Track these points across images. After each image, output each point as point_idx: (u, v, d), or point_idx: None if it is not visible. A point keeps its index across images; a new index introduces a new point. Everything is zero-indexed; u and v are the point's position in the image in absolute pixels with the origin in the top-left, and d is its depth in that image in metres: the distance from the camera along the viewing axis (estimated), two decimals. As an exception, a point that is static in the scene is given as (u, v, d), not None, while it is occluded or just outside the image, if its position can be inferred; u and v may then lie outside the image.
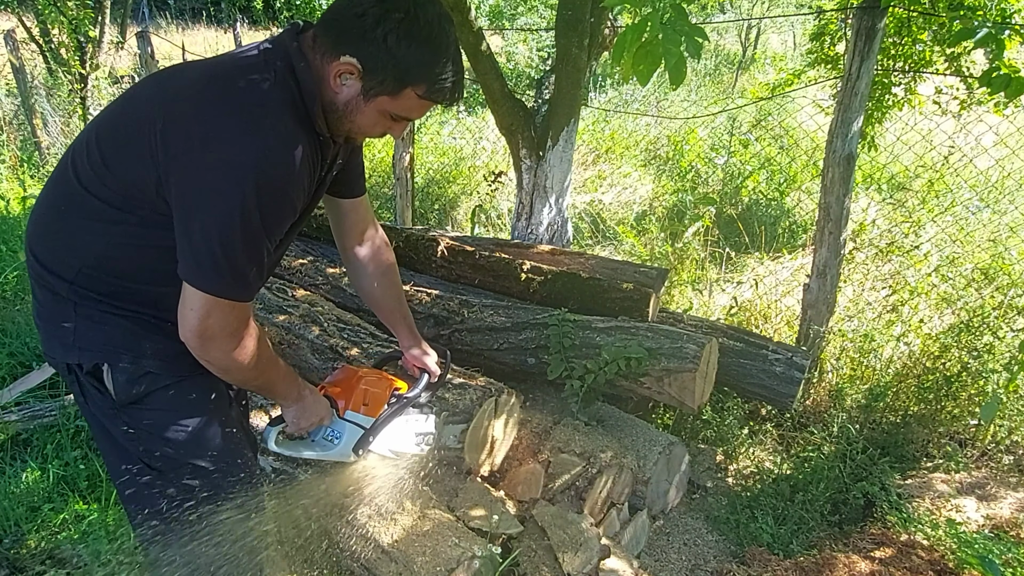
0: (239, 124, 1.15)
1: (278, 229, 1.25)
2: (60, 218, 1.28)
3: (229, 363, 1.26)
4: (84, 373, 1.30)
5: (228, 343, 1.23)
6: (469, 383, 2.21)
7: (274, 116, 1.17)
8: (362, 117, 1.27)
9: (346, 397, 1.56)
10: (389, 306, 1.74)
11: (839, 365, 3.14)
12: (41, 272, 1.30)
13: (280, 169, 1.17)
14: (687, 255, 4.28)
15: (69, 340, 1.29)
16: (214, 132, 1.14)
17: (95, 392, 1.31)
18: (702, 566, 2.33)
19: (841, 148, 2.81)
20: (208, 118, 1.15)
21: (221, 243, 1.15)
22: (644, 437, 2.45)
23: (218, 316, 1.20)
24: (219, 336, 1.22)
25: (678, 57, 1.50)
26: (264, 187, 1.15)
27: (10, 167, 6.17)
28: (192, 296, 1.18)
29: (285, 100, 1.20)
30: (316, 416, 1.49)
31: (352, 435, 1.55)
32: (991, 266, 3.77)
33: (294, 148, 1.18)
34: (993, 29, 2.14)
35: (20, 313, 3.51)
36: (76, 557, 2.04)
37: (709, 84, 9.90)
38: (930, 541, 2.18)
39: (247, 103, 1.17)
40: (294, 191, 1.22)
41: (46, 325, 1.33)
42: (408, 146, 4.47)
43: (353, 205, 1.62)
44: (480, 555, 1.78)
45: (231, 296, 1.20)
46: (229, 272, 1.18)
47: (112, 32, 7.67)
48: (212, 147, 1.14)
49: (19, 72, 6.25)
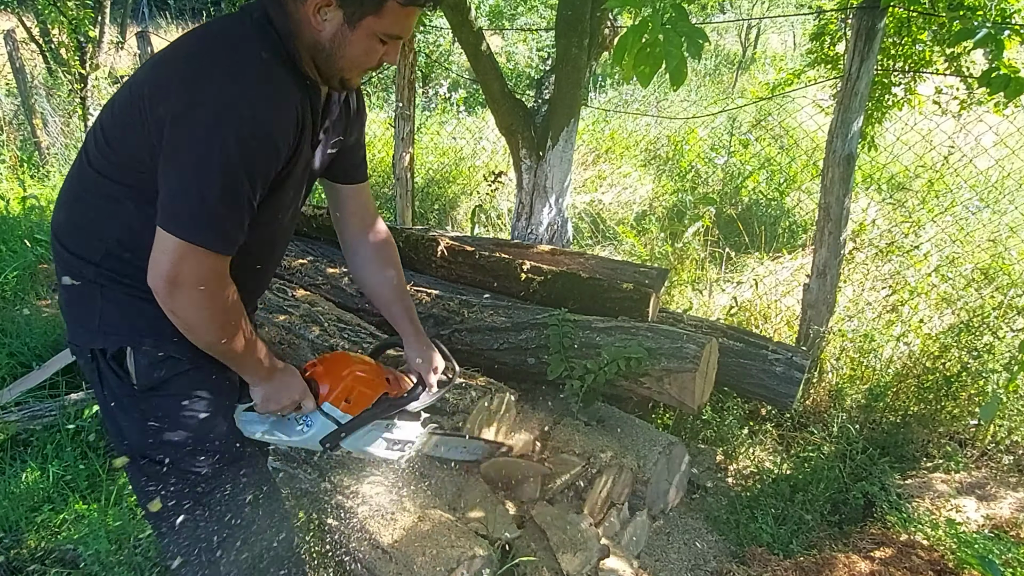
0: (217, 72, 1.14)
1: (261, 176, 1.21)
2: (80, 203, 1.30)
3: (195, 318, 1.21)
4: (107, 358, 1.31)
5: (196, 295, 1.18)
6: (469, 383, 2.21)
7: (252, 61, 1.16)
8: (351, 48, 1.24)
9: (330, 386, 1.46)
10: (390, 299, 1.66)
11: (839, 365, 3.14)
12: (68, 259, 1.31)
13: (260, 111, 1.15)
14: (687, 255, 4.28)
15: (95, 324, 1.30)
16: (194, 82, 1.14)
17: (114, 378, 1.32)
18: (702, 566, 2.33)
19: (841, 148, 2.81)
20: (188, 70, 1.16)
21: (199, 187, 1.13)
22: (644, 437, 2.45)
23: (191, 264, 1.16)
24: (188, 285, 1.17)
25: (679, 58, 1.50)
26: (244, 130, 1.13)
27: (10, 167, 6.17)
28: (165, 240, 1.15)
29: (263, 45, 1.19)
30: (287, 399, 1.40)
31: (323, 429, 1.46)
32: (991, 266, 3.77)
33: (275, 90, 1.17)
34: (993, 29, 2.14)
35: (20, 313, 3.51)
36: (76, 557, 2.04)
37: (709, 84, 9.89)
38: (930, 541, 2.18)
39: (225, 52, 1.17)
40: (278, 134, 1.19)
41: (73, 311, 1.34)
42: (408, 146, 4.47)
43: (354, 192, 1.58)
44: (480, 556, 1.78)
45: (206, 244, 1.16)
46: (206, 218, 1.15)
47: (112, 32, 7.67)
48: (193, 96, 1.13)
49: (19, 72, 6.25)
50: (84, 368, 1.37)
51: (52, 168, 6.59)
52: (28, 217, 5.21)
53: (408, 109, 4.38)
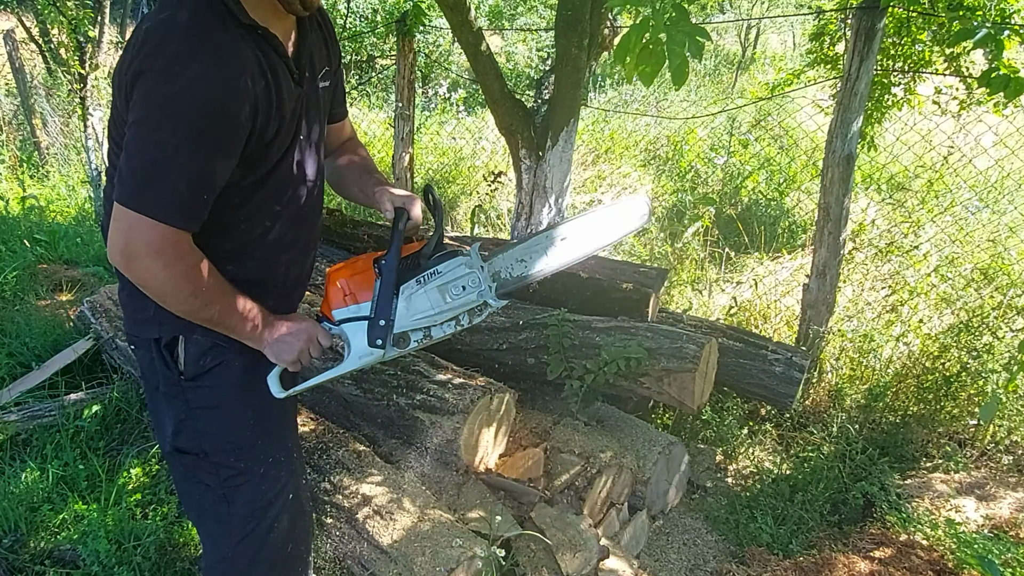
0: (162, 49, 1.12)
1: (217, 142, 1.15)
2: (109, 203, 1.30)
3: (157, 288, 1.20)
4: (162, 346, 1.33)
5: (153, 262, 1.16)
6: (469, 383, 2.21)
7: (188, 22, 1.13)
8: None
9: (326, 301, 1.37)
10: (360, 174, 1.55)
11: (839, 365, 3.15)
12: None
13: (204, 70, 1.11)
14: (687, 255, 4.29)
15: (150, 314, 1.32)
16: (144, 65, 1.12)
17: (164, 368, 1.34)
18: (702, 566, 2.33)
19: (841, 148, 2.82)
20: (138, 54, 1.14)
21: (153, 159, 1.12)
22: (644, 437, 2.45)
23: (140, 233, 1.14)
24: (142, 255, 1.16)
25: (681, 58, 1.50)
26: (188, 91, 1.10)
27: (10, 167, 6.17)
28: (117, 211, 1.15)
29: (199, 3, 1.15)
30: (301, 342, 1.35)
31: (357, 333, 1.32)
32: (990, 266, 3.78)
33: (216, 47, 1.13)
34: (992, 29, 2.15)
35: (20, 313, 3.51)
36: (76, 557, 2.04)
37: (709, 84, 9.90)
38: (929, 541, 2.18)
39: (164, 22, 1.14)
40: (227, 93, 1.13)
41: (130, 303, 1.36)
42: (408, 146, 4.47)
43: (337, 127, 1.59)
44: (480, 556, 1.78)
45: (156, 215, 1.13)
46: (153, 189, 1.13)
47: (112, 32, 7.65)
48: (145, 76, 1.12)
49: (19, 72, 6.25)
50: (140, 359, 1.39)
51: (52, 168, 6.59)
52: (28, 217, 5.21)
53: (408, 109, 4.39)
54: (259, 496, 1.43)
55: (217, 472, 1.40)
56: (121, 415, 2.74)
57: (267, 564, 1.48)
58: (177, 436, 1.38)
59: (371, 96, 8.64)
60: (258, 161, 1.26)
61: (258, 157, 1.25)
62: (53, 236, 4.70)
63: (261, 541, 1.45)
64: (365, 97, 8.52)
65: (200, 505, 1.45)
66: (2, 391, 2.89)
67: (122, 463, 2.47)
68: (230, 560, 1.45)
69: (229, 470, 1.40)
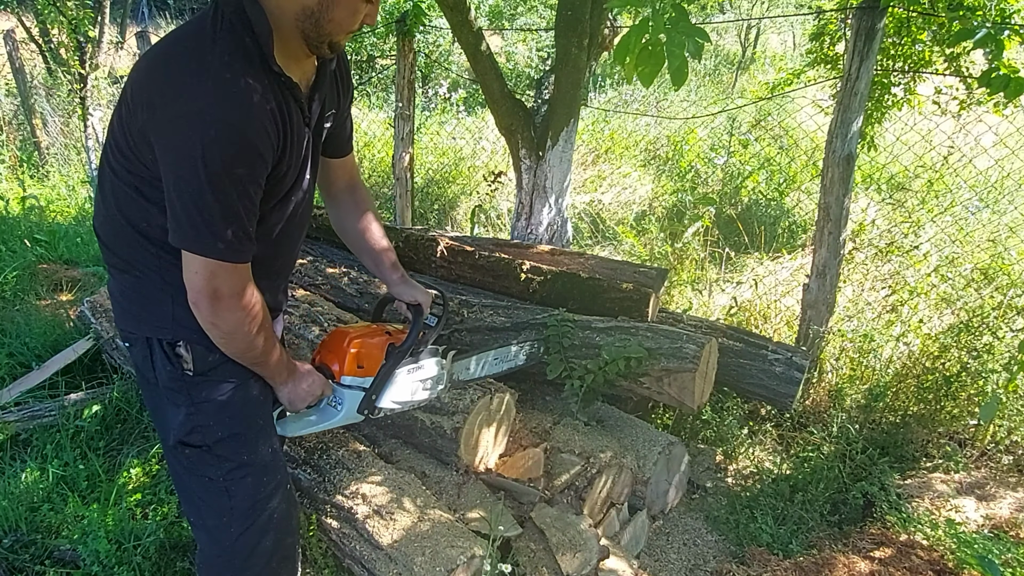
0: (188, 79, 1.14)
1: (251, 182, 1.21)
2: (115, 210, 1.32)
3: (236, 326, 1.28)
4: (164, 345, 1.35)
5: (236, 303, 1.25)
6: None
7: (220, 65, 1.15)
8: (338, 9, 1.25)
9: (339, 362, 1.54)
10: (372, 243, 1.69)
11: (839, 365, 3.15)
12: (118, 263, 1.36)
13: (233, 116, 1.14)
14: (687, 255, 4.28)
15: (153, 315, 1.34)
16: (169, 91, 1.15)
17: (167, 364, 1.36)
18: (702, 566, 2.33)
19: (841, 148, 2.82)
20: (161, 80, 1.17)
21: (193, 202, 1.16)
22: (644, 437, 2.45)
23: (223, 277, 1.22)
24: (227, 297, 1.24)
25: (681, 58, 1.50)
26: (221, 137, 1.13)
27: (10, 167, 6.17)
28: (191, 260, 1.21)
29: (233, 47, 1.17)
30: (311, 394, 1.50)
31: (353, 399, 1.54)
32: (990, 266, 3.77)
33: (244, 93, 1.16)
34: (992, 29, 2.15)
35: (20, 313, 3.51)
36: (76, 557, 2.04)
37: (709, 84, 9.90)
38: (929, 541, 2.18)
39: (192, 58, 1.16)
40: (255, 137, 1.18)
41: (126, 302, 1.38)
42: (408, 146, 4.47)
43: (341, 163, 1.64)
44: (480, 556, 1.78)
45: (222, 257, 1.20)
46: (208, 232, 1.18)
47: (112, 32, 7.66)
48: (166, 110, 1.15)
49: (19, 72, 6.25)
50: (135, 355, 1.40)
51: (52, 168, 6.59)
52: (28, 217, 5.21)
53: (408, 109, 4.38)
54: (260, 488, 1.45)
55: (220, 464, 1.42)
56: (121, 415, 2.74)
57: (266, 556, 1.49)
58: (182, 429, 1.39)
59: (371, 96, 8.64)
60: (265, 198, 1.30)
61: (265, 195, 1.30)
62: (53, 236, 4.70)
63: (261, 534, 1.47)
64: (365, 97, 8.52)
65: (201, 499, 1.45)
66: (2, 391, 2.89)
67: (122, 463, 2.47)
68: (229, 554, 1.46)
69: (231, 463, 1.42)
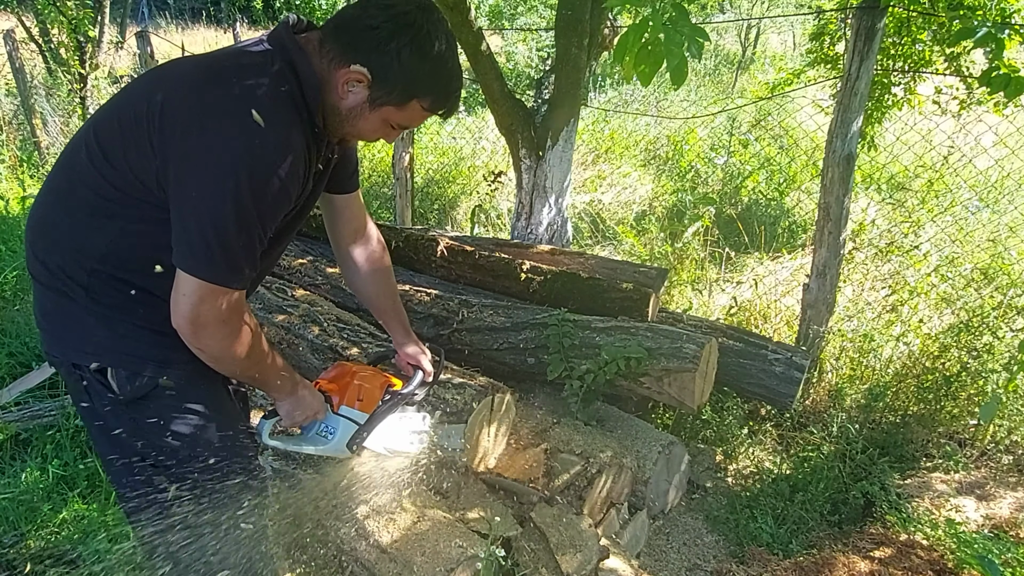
0: (236, 112, 1.15)
1: (272, 217, 1.24)
2: (63, 218, 1.28)
3: (222, 352, 1.26)
4: (91, 371, 1.31)
5: (220, 330, 1.23)
6: (469, 383, 2.21)
7: (271, 105, 1.17)
8: (364, 123, 1.31)
9: (340, 392, 1.56)
10: (383, 305, 1.77)
11: (839, 365, 3.15)
12: (44, 274, 1.30)
13: (275, 155, 1.17)
14: (687, 255, 4.28)
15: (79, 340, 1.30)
16: (211, 120, 1.15)
17: (100, 388, 1.31)
18: (702, 566, 2.33)
19: (841, 148, 2.81)
20: (205, 107, 1.16)
21: (214, 228, 1.16)
22: (644, 437, 2.45)
23: (211, 303, 1.20)
24: (211, 323, 1.22)
25: (680, 58, 1.50)
26: (258, 173, 1.15)
27: (10, 167, 6.17)
28: (185, 282, 1.19)
29: (285, 93, 1.20)
30: (310, 410, 1.49)
31: (346, 431, 1.55)
32: (990, 266, 3.78)
33: (289, 136, 1.19)
34: (993, 29, 2.14)
35: (20, 313, 3.51)
36: (76, 557, 2.04)
37: (709, 84, 9.90)
38: (929, 541, 2.18)
39: (245, 92, 1.17)
40: (289, 179, 1.21)
41: (50, 325, 1.33)
42: (408, 146, 4.47)
43: (347, 201, 1.63)
44: (480, 556, 1.78)
45: (223, 282, 1.19)
46: (222, 258, 1.18)
47: (112, 32, 7.66)
48: (208, 134, 1.14)
49: (19, 72, 6.24)
50: (66, 378, 1.37)
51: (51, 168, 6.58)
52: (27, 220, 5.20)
53: (408, 109, 4.38)
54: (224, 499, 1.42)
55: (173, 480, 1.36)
56: (121, 415, 2.74)
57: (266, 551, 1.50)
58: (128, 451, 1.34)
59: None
60: None
61: None
62: (53, 236, 4.69)
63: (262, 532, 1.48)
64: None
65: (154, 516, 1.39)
66: (2, 391, 2.89)
67: (122, 463, 2.46)
68: None
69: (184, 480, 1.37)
